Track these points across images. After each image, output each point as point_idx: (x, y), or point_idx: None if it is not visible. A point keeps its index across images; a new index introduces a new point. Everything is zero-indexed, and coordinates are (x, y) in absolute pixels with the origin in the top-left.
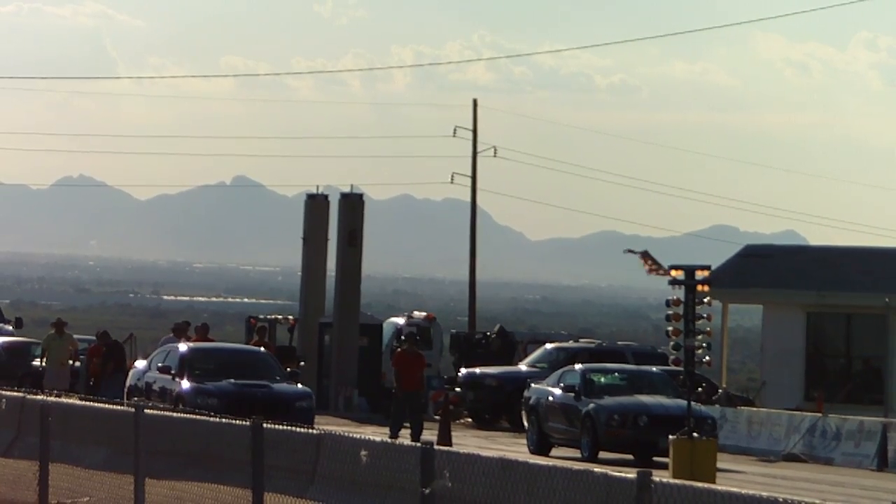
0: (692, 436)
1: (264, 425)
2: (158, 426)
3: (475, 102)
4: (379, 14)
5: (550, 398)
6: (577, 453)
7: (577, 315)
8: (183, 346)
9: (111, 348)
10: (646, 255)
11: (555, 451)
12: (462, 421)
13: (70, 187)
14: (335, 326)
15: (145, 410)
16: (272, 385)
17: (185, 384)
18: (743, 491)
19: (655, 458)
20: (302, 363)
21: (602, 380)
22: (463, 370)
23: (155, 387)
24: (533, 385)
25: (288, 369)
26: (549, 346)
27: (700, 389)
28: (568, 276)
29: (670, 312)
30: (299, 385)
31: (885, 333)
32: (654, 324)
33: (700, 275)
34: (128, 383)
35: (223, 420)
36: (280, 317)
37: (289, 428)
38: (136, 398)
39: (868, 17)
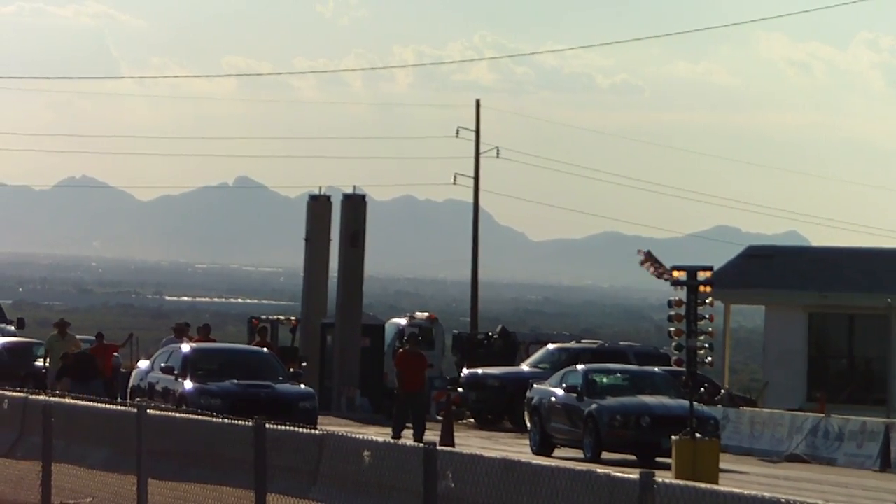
0: (695, 436)
1: (267, 426)
2: (161, 426)
3: (478, 103)
4: (381, 14)
5: (553, 399)
6: (579, 454)
7: (579, 315)
8: (186, 347)
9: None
10: (649, 256)
11: (557, 452)
12: (464, 421)
13: (72, 188)
14: (337, 327)
15: (148, 411)
16: (275, 385)
17: (189, 384)
18: (745, 492)
19: (658, 459)
20: (304, 364)
21: (604, 380)
22: (465, 370)
23: (158, 387)
24: (535, 385)
25: (290, 370)
26: (551, 346)
27: (702, 390)
28: (570, 277)
29: (672, 313)
30: (302, 385)
31: (888, 334)
32: (657, 324)
33: (702, 275)
34: (130, 383)
35: (226, 420)
36: (282, 317)
37: (291, 428)
38: (138, 398)
39: (869, 17)
